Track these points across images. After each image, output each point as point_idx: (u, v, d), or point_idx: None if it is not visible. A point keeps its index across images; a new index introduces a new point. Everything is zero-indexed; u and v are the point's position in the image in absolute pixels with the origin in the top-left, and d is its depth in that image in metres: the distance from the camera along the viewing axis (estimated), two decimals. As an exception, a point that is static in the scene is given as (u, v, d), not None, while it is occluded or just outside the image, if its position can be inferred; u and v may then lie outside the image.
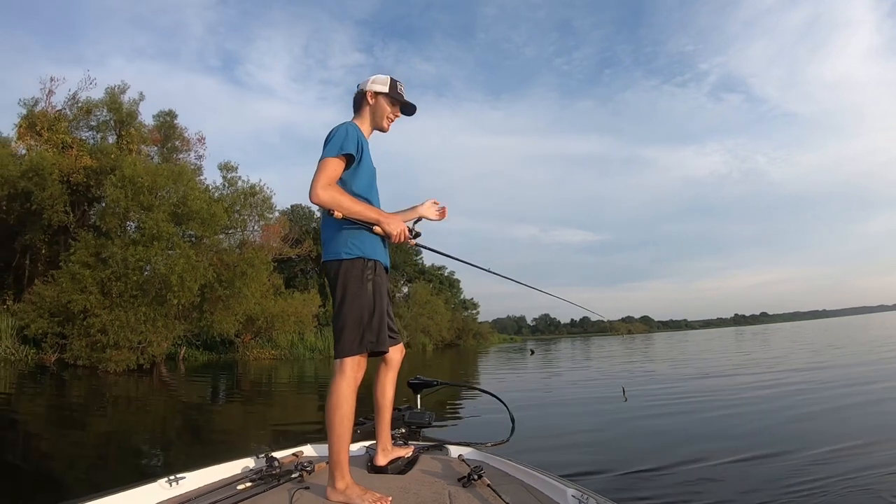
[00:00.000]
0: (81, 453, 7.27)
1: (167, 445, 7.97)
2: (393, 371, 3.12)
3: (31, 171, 22.06)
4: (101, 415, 11.15)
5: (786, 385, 12.98)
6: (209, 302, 23.35)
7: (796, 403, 10.12)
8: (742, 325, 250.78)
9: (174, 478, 2.63)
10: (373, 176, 2.93)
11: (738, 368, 18.11)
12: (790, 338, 43.13)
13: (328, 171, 2.64)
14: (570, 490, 2.48)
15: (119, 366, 19.46)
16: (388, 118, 3.04)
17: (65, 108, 26.82)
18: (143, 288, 20.50)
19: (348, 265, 2.71)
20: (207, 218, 22.33)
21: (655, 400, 11.61)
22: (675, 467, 5.82)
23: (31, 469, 6.47)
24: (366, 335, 2.66)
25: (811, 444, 6.55)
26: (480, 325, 72.08)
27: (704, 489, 5.06)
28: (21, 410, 11.22)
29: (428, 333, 49.55)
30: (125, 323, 19.74)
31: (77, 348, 19.93)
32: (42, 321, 20.40)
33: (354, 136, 2.76)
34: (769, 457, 6.12)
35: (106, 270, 20.03)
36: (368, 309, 2.70)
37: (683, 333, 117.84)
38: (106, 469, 6.52)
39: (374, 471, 3.03)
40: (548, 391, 14.80)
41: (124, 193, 20.78)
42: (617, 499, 2.57)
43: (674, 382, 15.07)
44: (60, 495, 4.62)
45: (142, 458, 7.14)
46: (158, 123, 30.45)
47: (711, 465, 5.88)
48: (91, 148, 25.89)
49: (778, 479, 5.23)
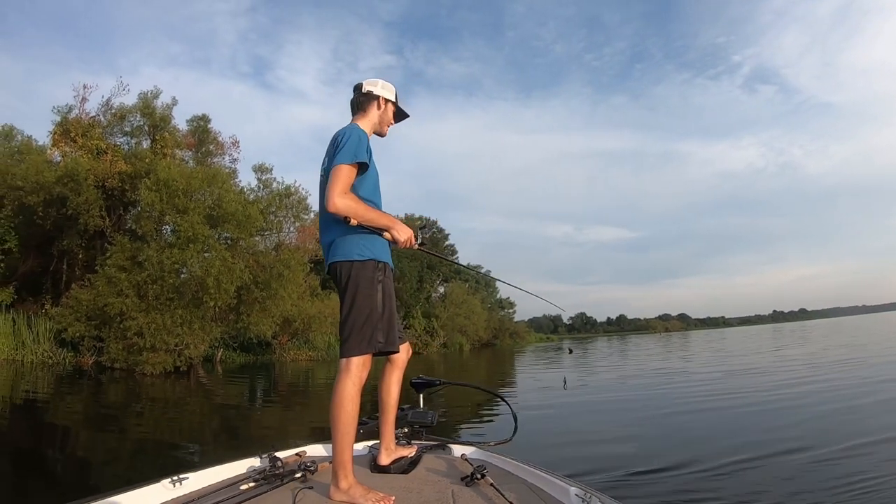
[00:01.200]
0: (117, 454, 7.33)
1: (203, 446, 7.86)
2: (399, 370, 3.16)
3: (66, 177, 22.08)
4: (137, 417, 10.99)
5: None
6: (246, 304, 23.15)
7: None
8: (780, 321, 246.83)
9: (177, 478, 2.63)
10: (377, 180, 2.99)
11: (773, 369, 17.69)
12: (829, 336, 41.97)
13: (344, 179, 2.68)
14: (573, 489, 2.47)
15: (156, 368, 19.41)
16: (389, 125, 3.15)
17: (98, 114, 26.90)
18: (180, 290, 20.38)
19: (360, 267, 2.76)
20: (243, 220, 22.10)
21: (677, 399, 11.74)
22: (682, 467, 5.89)
23: (69, 468, 6.59)
24: (375, 335, 2.71)
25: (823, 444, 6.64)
26: (516, 325, 71.80)
27: (704, 489, 5.13)
28: (58, 412, 11.16)
29: (465, 333, 49.21)
30: (161, 325, 19.63)
31: (114, 351, 19.91)
32: (79, 324, 20.46)
33: (366, 142, 2.82)
34: (788, 453, 6.29)
35: (142, 273, 19.91)
36: (379, 309, 2.76)
37: (720, 331, 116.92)
38: (140, 470, 6.42)
39: (377, 470, 3.05)
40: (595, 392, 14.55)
41: (159, 197, 20.64)
42: (620, 496, 2.67)
43: (706, 382, 14.82)
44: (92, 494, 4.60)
45: (177, 459, 7.03)
46: (192, 128, 30.38)
47: (714, 465, 5.91)
48: (125, 153, 25.92)
49: (787, 479, 5.37)
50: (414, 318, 45.16)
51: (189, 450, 7.70)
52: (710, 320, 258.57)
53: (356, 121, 3.03)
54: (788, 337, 46.58)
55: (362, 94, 3.08)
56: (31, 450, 7.59)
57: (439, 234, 57.68)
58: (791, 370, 16.42)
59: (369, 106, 3.06)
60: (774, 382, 13.66)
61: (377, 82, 3.09)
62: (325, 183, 2.76)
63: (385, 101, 3.08)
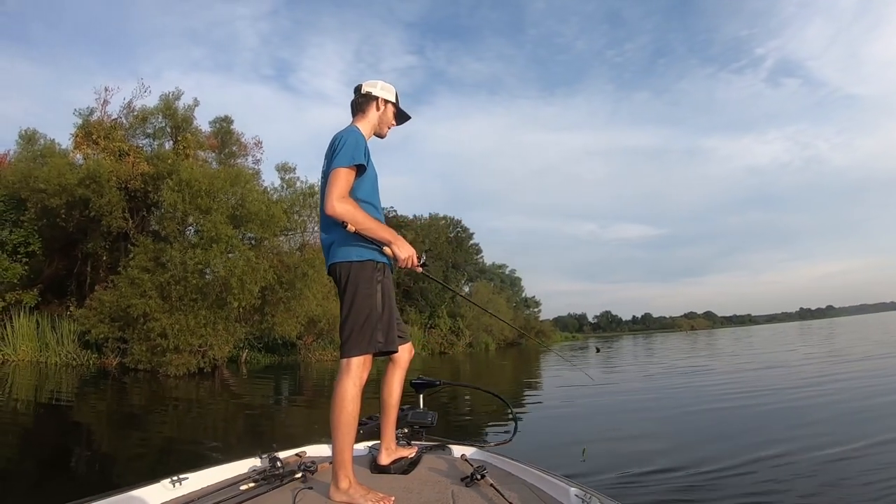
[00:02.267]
0: (138, 454, 7.31)
1: (227, 447, 7.64)
2: (401, 371, 3.16)
3: (88, 179, 21.89)
4: (160, 417, 11.00)
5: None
6: (270, 304, 22.81)
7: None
8: (807, 319, 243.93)
9: (177, 478, 2.63)
10: (375, 181, 2.99)
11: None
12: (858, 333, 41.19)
13: (341, 183, 2.68)
14: (572, 489, 2.48)
15: (179, 369, 19.09)
16: (390, 126, 3.13)
17: (120, 116, 26.75)
18: (203, 291, 20.06)
19: (358, 267, 2.77)
20: (266, 219, 21.75)
21: (698, 397, 11.62)
22: (689, 467, 5.78)
23: (89, 467, 6.59)
24: (375, 335, 2.72)
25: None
26: (542, 324, 71.36)
27: (704, 489, 5.05)
28: (81, 413, 11.18)
29: (490, 333, 48.77)
30: (185, 326, 19.31)
31: (137, 352, 19.62)
32: (103, 326, 20.25)
33: (364, 144, 2.82)
34: (797, 454, 6.17)
35: (165, 274, 19.63)
36: (378, 309, 2.76)
37: (746, 329, 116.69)
38: (161, 469, 6.20)
39: (377, 470, 3.06)
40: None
41: (181, 197, 20.37)
42: (619, 496, 2.76)
43: (733, 382, 14.51)
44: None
45: (199, 458, 6.78)
46: (215, 129, 30.27)
47: (724, 466, 5.79)
48: (148, 155, 25.75)
49: (788, 480, 5.25)
50: (439, 318, 44.83)
51: (210, 448, 7.65)
52: (736, 318, 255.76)
53: (355, 122, 3.06)
54: (816, 335, 45.84)
55: (361, 95, 3.09)
56: (51, 449, 7.54)
57: (463, 234, 57.12)
58: (821, 368, 16.12)
59: (368, 107, 3.07)
60: (801, 380, 13.57)
61: (377, 83, 3.09)
62: (325, 186, 2.76)
63: (384, 102, 3.09)
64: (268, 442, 3.49)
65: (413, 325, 41.81)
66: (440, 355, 39.77)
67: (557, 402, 12.68)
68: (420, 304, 45.52)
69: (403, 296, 44.65)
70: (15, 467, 6.44)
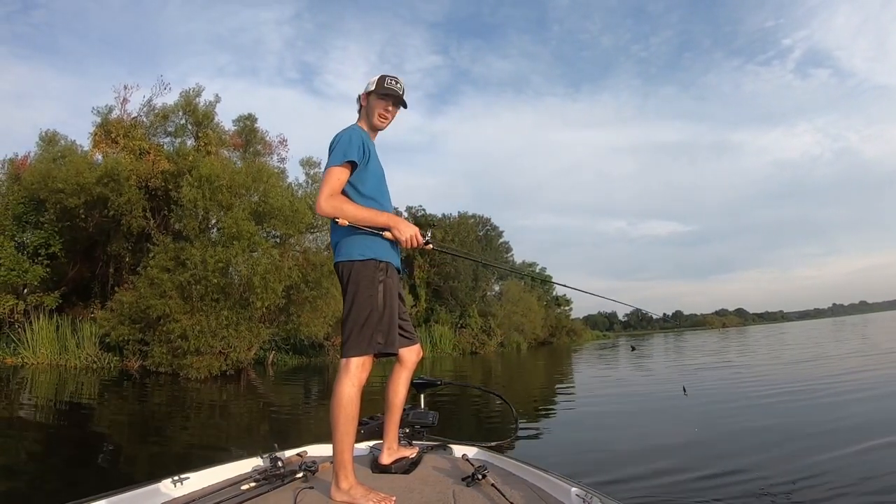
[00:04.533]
0: (155, 458, 7.02)
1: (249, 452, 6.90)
2: (407, 372, 3.11)
3: (106, 177, 21.31)
4: (180, 422, 10.36)
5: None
6: (295, 304, 22.00)
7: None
8: (840, 315, 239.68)
9: (179, 478, 2.60)
10: (381, 177, 2.97)
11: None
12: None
13: (331, 182, 2.69)
14: (573, 489, 2.46)
15: (200, 372, 18.21)
16: (381, 115, 2.98)
17: (140, 114, 26.18)
18: (225, 291, 19.24)
19: (360, 266, 2.73)
20: (290, 215, 20.92)
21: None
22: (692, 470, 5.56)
23: (104, 471, 6.30)
24: (375, 336, 2.68)
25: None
26: (573, 322, 70.53)
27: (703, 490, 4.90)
28: (98, 417, 10.75)
29: (522, 331, 47.82)
30: (206, 328, 18.45)
31: (158, 355, 18.86)
32: (123, 328, 19.59)
33: (358, 139, 2.78)
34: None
35: (185, 274, 18.81)
36: (379, 310, 2.71)
37: (779, 326, 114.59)
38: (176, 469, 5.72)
39: (378, 470, 3.00)
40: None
41: (201, 193, 19.63)
42: (620, 497, 2.64)
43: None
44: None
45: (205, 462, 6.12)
46: (239, 128, 29.63)
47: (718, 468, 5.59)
48: (168, 153, 25.16)
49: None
50: (470, 318, 43.90)
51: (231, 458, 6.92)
52: (767, 315, 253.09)
53: (357, 123, 3.03)
54: (850, 331, 44.23)
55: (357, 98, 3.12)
56: (65, 452, 7.26)
57: (493, 232, 56.33)
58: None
59: (359, 107, 3.07)
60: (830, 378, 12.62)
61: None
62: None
63: (366, 94, 3.03)
64: (295, 445, 3.40)
65: (443, 325, 41.04)
66: (471, 355, 38.78)
67: (588, 402, 12.11)
68: (450, 304, 44.67)
69: (433, 295, 43.89)
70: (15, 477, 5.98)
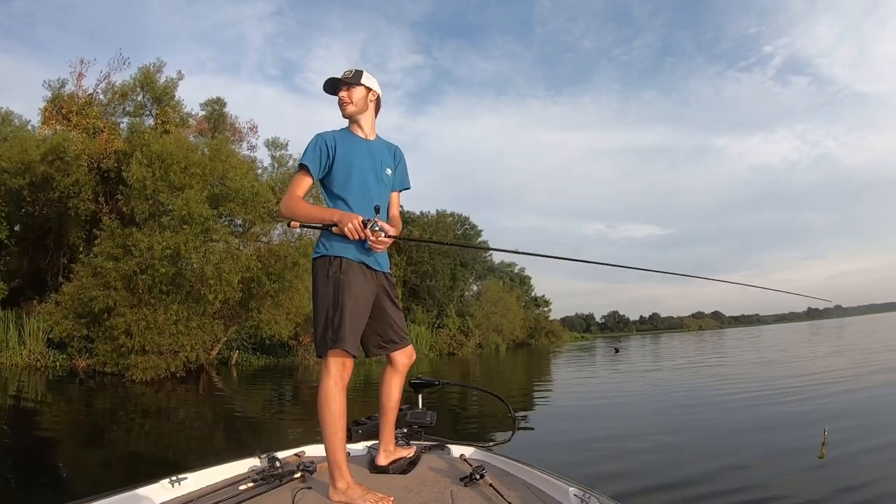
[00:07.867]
0: (94, 469, 6.64)
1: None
2: (399, 375, 3.04)
3: (51, 154, 19.42)
4: (123, 432, 9.36)
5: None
6: (256, 298, 20.15)
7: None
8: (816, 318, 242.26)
9: (176, 478, 2.59)
10: (349, 172, 2.82)
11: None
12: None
13: (291, 186, 2.74)
14: (572, 489, 2.46)
15: (147, 373, 16.36)
16: (341, 106, 2.90)
17: (96, 91, 24.12)
18: (176, 282, 17.37)
19: (316, 264, 2.71)
20: (249, 197, 18.98)
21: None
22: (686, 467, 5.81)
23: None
24: (327, 333, 2.60)
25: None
26: (552, 323, 69.69)
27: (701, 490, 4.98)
28: (42, 421, 10.13)
29: (501, 332, 46.55)
30: (152, 323, 16.61)
31: (102, 353, 17.03)
32: (66, 322, 17.79)
33: (316, 144, 2.77)
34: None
35: (130, 262, 16.86)
36: (330, 307, 2.63)
37: (756, 329, 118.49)
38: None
39: (375, 470, 2.99)
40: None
41: (151, 172, 17.71)
42: (618, 496, 2.75)
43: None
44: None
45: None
46: (207, 113, 27.66)
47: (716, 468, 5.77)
48: (124, 131, 23.21)
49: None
50: (448, 318, 42.49)
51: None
52: (744, 318, 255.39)
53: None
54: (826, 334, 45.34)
55: None
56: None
57: (472, 231, 54.94)
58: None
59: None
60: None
61: None
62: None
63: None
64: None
65: (420, 325, 39.52)
66: (448, 356, 37.50)
67: (569, 402, 12.66)
68: (427, 303, 43.16)
69: (410, 294, 42.33)
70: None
